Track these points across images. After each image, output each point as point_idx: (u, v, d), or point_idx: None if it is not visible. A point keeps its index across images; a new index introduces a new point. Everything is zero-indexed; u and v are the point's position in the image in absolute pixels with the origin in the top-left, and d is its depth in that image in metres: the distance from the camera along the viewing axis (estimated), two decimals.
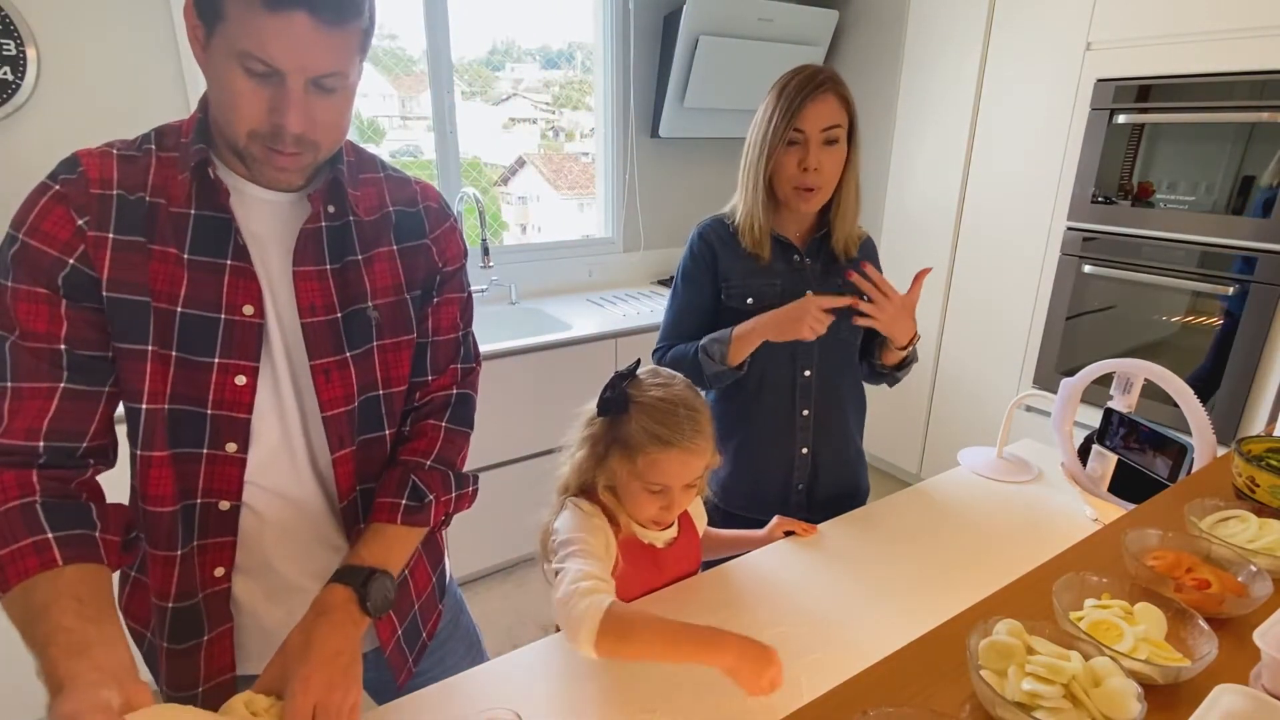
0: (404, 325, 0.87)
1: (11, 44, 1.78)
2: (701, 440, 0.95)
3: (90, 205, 0.72)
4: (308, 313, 0.80)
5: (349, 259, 0.83)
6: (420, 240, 0.88)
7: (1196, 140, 2.07)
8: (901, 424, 3.04)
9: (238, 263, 0.76)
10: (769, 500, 1.33)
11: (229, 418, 0.77)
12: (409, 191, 0.90)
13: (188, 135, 0.76)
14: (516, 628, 2.27)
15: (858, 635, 0.99)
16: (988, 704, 0.60)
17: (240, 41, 0.66)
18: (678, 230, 3.18)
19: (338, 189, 0.82)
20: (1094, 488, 1.29)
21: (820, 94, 1.16)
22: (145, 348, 0.73)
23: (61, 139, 1.90)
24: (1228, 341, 2.04)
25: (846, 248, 1.29)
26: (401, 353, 0.88)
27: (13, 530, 0.68)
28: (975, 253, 2.69)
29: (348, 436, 0.84)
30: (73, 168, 0.73)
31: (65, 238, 0.71)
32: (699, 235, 1.32)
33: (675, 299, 1.35)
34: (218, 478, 0.79)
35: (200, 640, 0.84)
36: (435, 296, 0.90)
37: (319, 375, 0.81)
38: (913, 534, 1.25)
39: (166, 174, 0.75)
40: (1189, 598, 0.72)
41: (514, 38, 2.89)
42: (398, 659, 0.95)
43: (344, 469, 0.85)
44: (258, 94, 0.69)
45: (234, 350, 0.76)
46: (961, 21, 2.56)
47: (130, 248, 0.72)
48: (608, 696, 0.87)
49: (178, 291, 0.74)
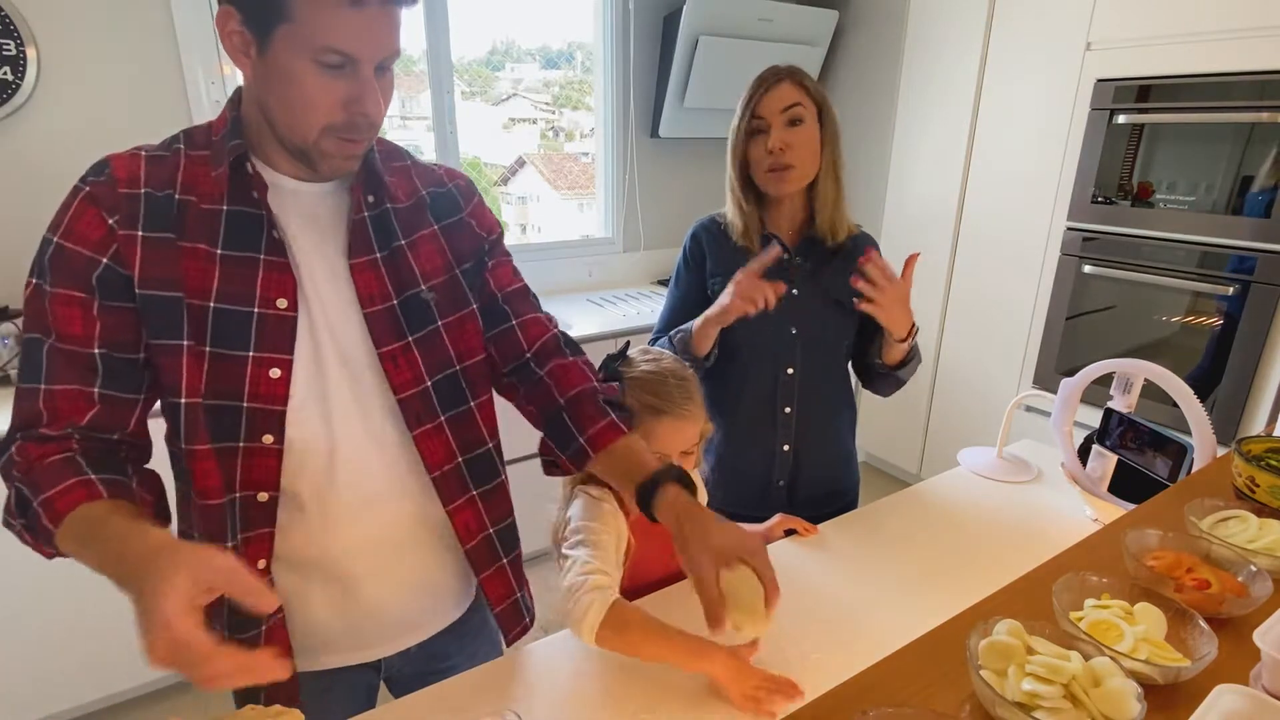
0: (462, 299, 0.89)
1: (11, 44, 1.78)
2: (693, 406, 1.00)
3: (120, 205, 0.73)
4: (368, 303, 0.82)
5: (395, 245, 0.84)
6: (458, 216, 0.91)
7: (1196, 140, 2.07)
8: (901, 424, 3.04)
9: (272, 257, 0.77)
10: (748, 496, 1.33)
11: (265, 410, 0.78)
12: (436, 175, 0.93)
13: (219, 133, 0.77)
14: None
15: (857, 635, 0.99)
16: (988, 704, 0.60)
17: (317, 38, 0.67)
18: (677, 230, 3.15)
19: (375, 177, 0.84)
20: (1094, 488, 1.29)
21: (773, 83, 1.19)
22: (181, 343, 0.74)
23: (61, 139, 1.90)
24: (1227, 341, 2.04)
25: (834, 231, 1.27)
26: (465, 326, 0.90)
27: (60, 474, 0.70)
28: (975, 253, 2.69)
29: (425, 414, 0.86)
30: (101, 170, 0.74)
31: (98, 238, 0.72)
32: (691, 234, 1.36)
33: (669, 296, 1.40)
34: (256, 469, 0.79)
35: (259, 630, 0.84)
36: (488, 261, 0.94)
37: (387, 362, 0.83)
38: (912, 534, 1.25)
39: (196, 171, 0.76)
40: (1189, 598, 0.72)
41: (514, 38, 2.90)
42: (509, 619, 0.98)
43: (429, 443, 0.87)
44: (333, 87, 0.70)
45: (267, 343, 0.77)
46: (961, 21, 2.56)
47: (160, 244, 0.73)
48: (608, 696, 0.87)
49: (210, 286, 0.75)
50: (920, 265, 1.20)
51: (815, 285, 1.28)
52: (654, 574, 1.09)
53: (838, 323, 1.28)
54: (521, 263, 1.03)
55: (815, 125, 1.21)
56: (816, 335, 1.28)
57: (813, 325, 1.28)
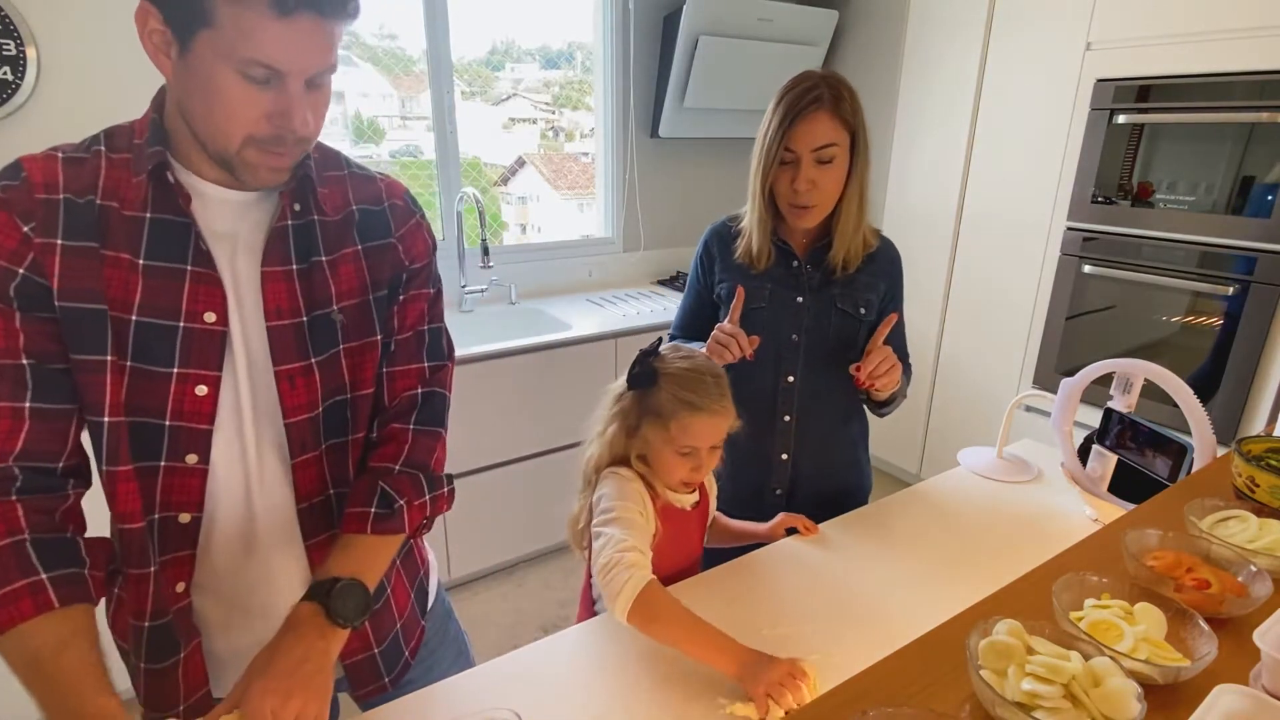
0: (369, 327, 0.84)
1: (11, 44, 1.78)
2: (726, 402, 1.03)
3: (35, 211, 0.68)
4: (273, 316, 0.77)
5: (314, 259, 0.79)
6: (386, 239, 0.85)
7: (1196, 140, 2.07)
8: (901, 424, 3.04)
9: (199, 268, 0.73)
10: (744, 502, 1.32)
11: (189, 429, 0.74)
12: (374, 189, 0.86)
13: (141, 136, 0.73)
14: (517, 628, 2.27)
15: (857, 635, 0.99)
16: (988, 704, 0.60)
17: (239, 48, 0.63)
18: (677, 230, 3.18)
19: (306, 186, 0.79)
20: (1094, 488, 1.29)
21: (811, 112, 1.13)
22: (104, 358, 0.70)
23: (61, 139, 1.88)
24: (1227, 341, 2.04)
25: (846, 262, 1.25)
26: (366, 355, 0.84)
27: (5, 572, 0.66)
28: (975, 252, 2.69)
29: (310, 441, 0.81)
30: (15, 173, 0.69)
31: (12, 246, 0.67)
32: (704, 238, 1.36)
33: (683, 299, 1.42)
34: (177, 490, 0.76)
35: (177, 658, 0.81)
36: (400, 294, 0.87)
37: (283, 381, 0.78)
38: (912, 534, 1.25)
39: (118, 176, 0.71)
40: (1189, 598, 0.72)
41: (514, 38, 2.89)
42: (364, 674, 0.91)
43: (306, 473, 0.82)
44: (257, 99, 0.67)
45: (193, 359, 0.73)
46: (961, 21, 2.56)
47: (81, 254, 0.69)
48: (608, 697, 0.87)
49: (132, 299, 0.70)
50: (920, 265, 1.21)
51: (823, 294, 1.26)
52: (670, 566, 1.10)
53: (844, 332, 1.27)
54: (521, 263, 1.03)
55: (846, 157, 1.18)
56: (820, 344, 1.27)
57: (817, 334, 1.27)
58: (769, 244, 1.26)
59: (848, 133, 1.17)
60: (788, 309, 1.25)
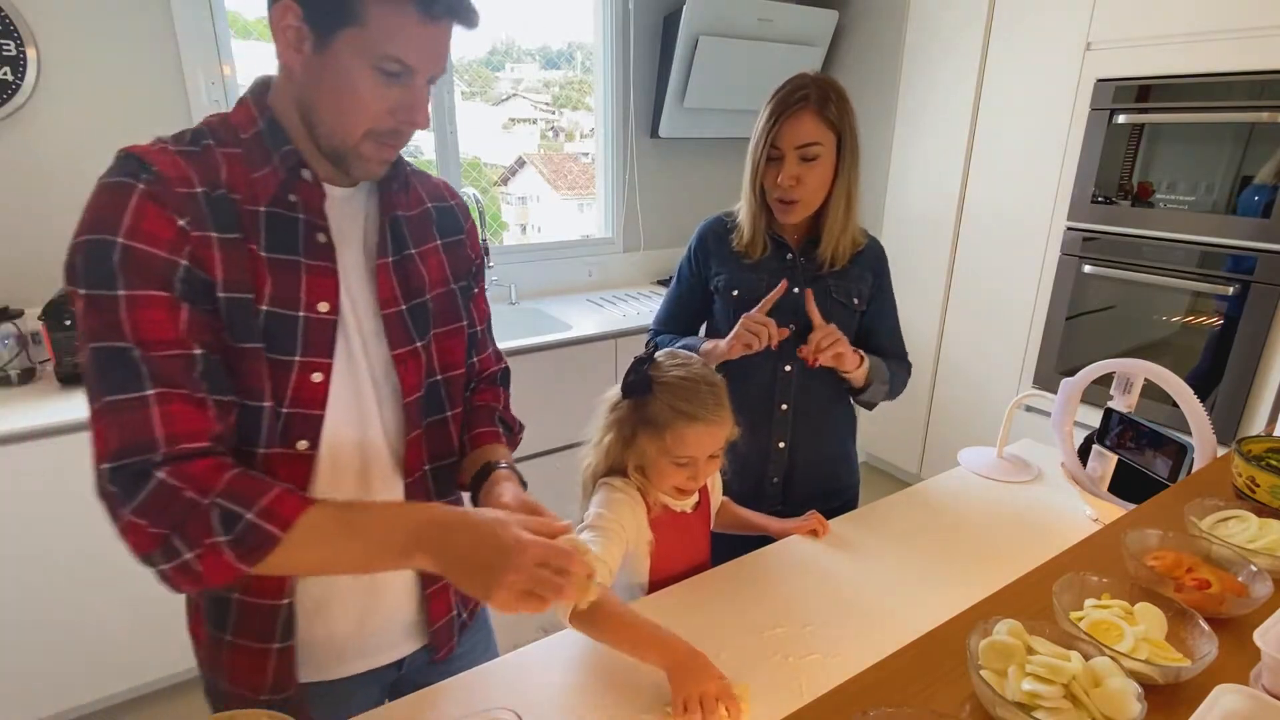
0: (454, 314, 0.92)
1: (11, 44, 1.78)
2: (723, 412, 1.01)
3: (183, 205, 0.68)
4: (387, 304, 0.82)
5: (406, 252, 0.86)
6: (459, 235, 0.94)
7: (1196, 140, 2.07)
8: (901, 424, 3.04)
9: (315, 260, 0.77)
10: (743, 491, 1.33)
11: (303, 415, 0.77)
12: (437, 188, 0.94)
13: (247, 131, 0.75)
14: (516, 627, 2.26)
15: (857, 635, 0.99)
16: (988, 704, 0.60)
17: (383, 46, 0.68)
18: (678, 230, 3.17)
19: (403, 181, 0.86)
20: (1094, 488, 1.29)
21: (796, 111, 1.18)
22: (259, 346, 0.73)
23: (61, 139, 1.90)
24: (1227, 341, 2.04)
25: (834, 259, 1.29)
26: (453, 340, 0.92)
27: (260, 483, 0.69)
28: (975, 252, 2.69)
29: (417, 420, 0.88)
30: (144, 165, 0.68)
31: (170, 238, 0.67)
32: (698, 232, 1.39)
33: (670, 290, 1.44)
34: (283, 477, 0.76)
35: (291, 642, 0.83)
36: (475, 288, 0.97)
37: (399, 364, 0.84)
38: (912, 534, 1.25)
39: (235, 170, 0.73)
40: (1189, 598, 0.72)
41: (514, 38, 2.90)
42: (444, 635, 0.97)
43: (414, 451, 0.88)
44: (385, 94, 0.71)
45: (311, 347, 0.76)
46: (961, 21, 2.56)
47: (233, 245, 0.71)
48: (608, 697, 0.87)
49: (264, 289, 0.73)
50: (920, 265, 1.21)
51: (818, 285, 1.29)
52: (677, 567, 1.11)
53: (838, 322, 1.28)
54: (522, 263, 1.06)
55: (831, 157, 1.22)
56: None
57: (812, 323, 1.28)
58: (763, 237, 1.30)
59: (833, 133, 1.20)
60: (784, 299, 1.27)
